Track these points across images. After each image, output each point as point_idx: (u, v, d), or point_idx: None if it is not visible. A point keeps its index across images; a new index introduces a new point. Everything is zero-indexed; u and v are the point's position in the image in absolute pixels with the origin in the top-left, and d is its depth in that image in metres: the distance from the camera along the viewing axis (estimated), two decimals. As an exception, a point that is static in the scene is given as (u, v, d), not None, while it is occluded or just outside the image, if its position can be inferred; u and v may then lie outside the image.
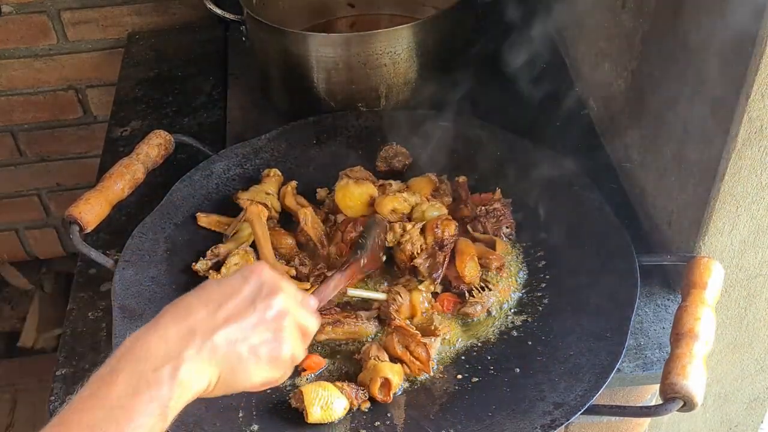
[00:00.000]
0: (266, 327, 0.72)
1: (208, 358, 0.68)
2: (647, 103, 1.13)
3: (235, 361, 0.70)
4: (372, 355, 0.96)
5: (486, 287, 1.04)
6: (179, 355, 0.66)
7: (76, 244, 1.04)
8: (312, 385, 0.93)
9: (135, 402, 0.63)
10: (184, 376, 0.66)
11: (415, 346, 0.97)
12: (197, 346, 0.67)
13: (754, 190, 0.95)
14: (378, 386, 0.93)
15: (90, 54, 1.83)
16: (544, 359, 0.96)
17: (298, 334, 0.77)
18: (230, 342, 0.69)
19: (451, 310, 1.04)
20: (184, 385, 0.66)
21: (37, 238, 2.20)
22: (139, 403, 0.63)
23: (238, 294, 0.73)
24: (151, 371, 0.65)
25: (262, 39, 1.37)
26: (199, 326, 0.69)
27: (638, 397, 1.09)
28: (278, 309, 0.74)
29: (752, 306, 1.11)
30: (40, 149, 1.99)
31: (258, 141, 1.25)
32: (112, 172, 1.11)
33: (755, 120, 0.87)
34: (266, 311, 0.73)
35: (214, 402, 0.93)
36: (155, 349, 0.66)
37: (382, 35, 1.26)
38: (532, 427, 0.86)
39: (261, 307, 0.73)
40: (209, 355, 0.68)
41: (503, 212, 1.11)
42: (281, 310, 0.74)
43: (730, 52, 0.87)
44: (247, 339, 0.71)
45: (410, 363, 0.97)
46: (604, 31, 1.27)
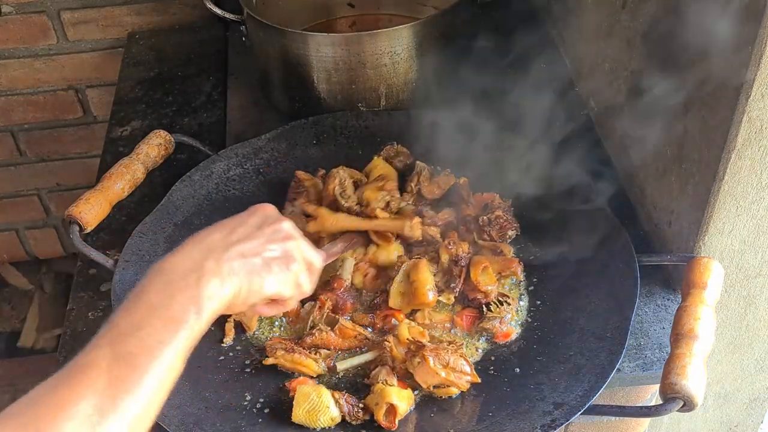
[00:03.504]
0: (275, 245, 0.82)
1: (227, 269, 0.76)
2: (647, 103, 1.13)
3: (250, 271, 0.78)
4: (381, 379, 0.93)
5: (504, 302, 1.03)
6: (201, 267, 0.75)
7: (76, 244, 1.04)
8: (309, 387, 0.92)
9: (172, 302, 0.71)
10: (208, 282, 0.74)
11: (455, 360, 0.92)
12: (216, 259, 0.76)
13: (754, 190, 0.95)
14: (383, 412, 0.90)
15: (90, 54, 1.83)
16: (544, 359, 0.97)
17: (304, 263, 0.85)
18: (243, 255, 0.79)
19: (471, 326, 1.03)
20: (210, 290, 0.74)
21: (37, 238, 2.20)
22: (175, 303, 0.71)
23: (246, 222, 0.83)
24: (179, 280, 0.73)
25: (262, 39, 1.37)
26: (215, 245, 0.78)
27: (638, 397, 1.09)
28: (284, 232, 0.84)
29: (752, 306, 1.11)
30: (40, 149, 1.99)
31: (258, 141, 1.25)
32: (112, 172, 1.11)
33: (755, 120, 0.87)
34: (273, 233, 0.83)
35: (214, 402, 0.93)
36: (180, 265, 0.75)
37: (382, 35, 1.26)
38: (533, 427, 0.86)
39: (268, 230, 0.83)
40: (227, 267, 0.76)
41: (505, 218, 1.12)
42: (287, 233, 0.84)
43: (731, 52, 0.87)
44: (259, 253, 0.80)
45: (457, 381, 0.92)
46: (604, 31, 1.27)
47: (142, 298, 0.72)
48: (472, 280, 1.04)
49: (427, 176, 1.20)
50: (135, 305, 0.71)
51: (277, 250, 0.82)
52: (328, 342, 0.99)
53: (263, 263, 0.80)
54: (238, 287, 0.77)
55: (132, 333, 0.68)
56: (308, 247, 0.87)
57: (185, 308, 0.71)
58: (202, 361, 0.99)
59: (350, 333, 1.00)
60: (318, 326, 1.00)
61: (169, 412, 0.89)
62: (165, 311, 0.71)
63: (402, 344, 0.97)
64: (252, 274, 0.79)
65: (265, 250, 0.81)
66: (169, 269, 0.75)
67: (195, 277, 0.74)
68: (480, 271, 1.04)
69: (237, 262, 0.78)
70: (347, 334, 1.00)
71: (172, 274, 0.74)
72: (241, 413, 0.93)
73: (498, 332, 1.01)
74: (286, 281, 0.83)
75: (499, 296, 1.04)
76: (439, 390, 0.94)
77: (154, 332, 0.69)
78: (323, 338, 0.99)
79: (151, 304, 0.71)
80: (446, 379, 0.92)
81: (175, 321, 0.70)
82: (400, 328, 0.99)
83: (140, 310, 0.71)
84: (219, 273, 0.75)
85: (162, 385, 0.68)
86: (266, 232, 0.83)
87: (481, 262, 1.06)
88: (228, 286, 0.76)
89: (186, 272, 0.74)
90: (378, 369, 0.95)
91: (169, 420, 0.88)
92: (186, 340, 0.71)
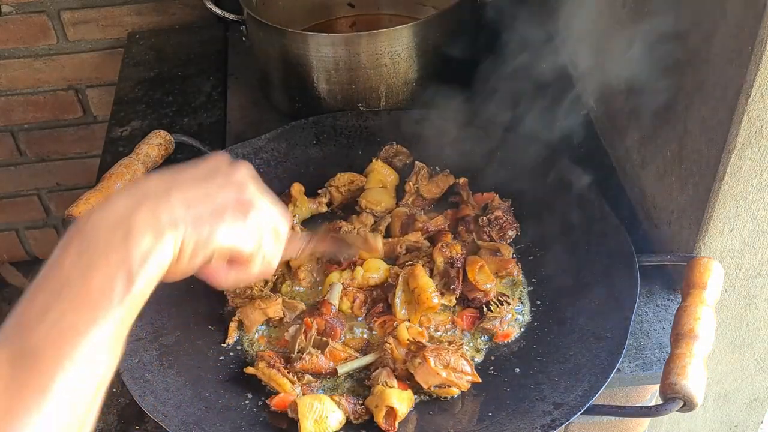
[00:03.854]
0: (227, 192, 0.66)
1: (166, 220, 0.60)
2: (647, 103, 1.13)
3: (195, 218, 0.62)
4: (381, 381, 0.93)
5: (504, 302, 1.03)
6: (130, 219, 0.59)
7: (76, 244, 1.03)
8: (308, 398, 0.91)
9: (90, 273, 0.56)
10: (140, 238, 0.58)
11: (456, 360, 0.92)
12: (150, 209, 0.60)
13: (754, 190, 0.95)
14: (383, 414, 0.90)
15: (90, 54, 1.83)
16: (544, 359, 0.97)
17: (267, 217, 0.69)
18: (189, 202, 0.62)
19: (471, 327, 1.03)
20: (142, 248, 0.58)
21: (37, 238, 2.20)
22: (95, 273, 0.56)
23: (192, 170, 0.67)
24: (101, 241, 0.57)
25: (262, 39, 1.37)
26: (150, 192, 0.62)
27: (638, 397, 1.09)
28: (239, 178, 0.67)
29: (752, 306, 1.11)
30: (40, 149, 1.99)
31: (258, 141, 1.25)
32: (112, 172, 1.11)
33: (755, 120, 0.87)
34: (226, 179, 0.66)
35: (214, 402, 0.93)
36: (104, 221, 0.59)
37: (382, 35, 1.26)
38: (532, 427, 0.86)
39: (220, 177, 0.66)
40: (167, 217, 0.60)
41: (505, 218, 1.12)
42: (242, 180, 0.67)
43: (730, 52, 0.87)
44: (209, 200, 0.64)
45: (458, 381, 0.92)
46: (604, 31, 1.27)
47: (54, 271, 0.57)
48: (470, 280, 1.04)
49: (425, 176, 1.20)
50: (44, 282, 0.56)
51: (230, 197, 0.65)
52: (318, 367, 0.96)
53: (213, 211, 0.64)
54: (180, 239, 0.61)
55: (37, 322, 0.54)
56: (271, 200, 0.70)
57: (109, 279, 0.56)
58: (202, 362, 0.99)
59: (341, 356, 0.98)
60: (308, 350, 0.97)
61: (169, 412, 0.89)
62: (80, 287, 0.55)
63: (402, 345, 0.96)
64: (200, 222, 0.62)
65: (216, 197, 0.64)
66: (89, 228, 0.58)
67: (122, 234, 0.58)
68: (477, 270, 1.04)
69: (179, 210, 0.61)
70: (338, 357, 0.97)
71: (92, 234, 0.58)
72: (241, 413, 0.93)
73: (498, 332, 1.01)
74: (244, 232, 0.66)
75: (499, 296, 1.04)
76: (440, 390, 0.94)
77: (63, 318, 0.54)
78: (313, 363, 0.96)
79: (63, 278, 0.56)
80: (447, 379, 0.92)
81: (94, 299, 0.55)
82: (399, 329, 0.99)
83: (48, 289, 0.56)
84: (155, 225, 0.59)
85: (82, 385, 0.54)
86: (216, 179, 0.66)
87: (476, 262, 1.06)
88: (168, 241, 0.60)
89: (110, 229, 0.58)
90: (378, 370, 0.95)
91: (169, 420, 0.87)
92: (113, 323, 0.56)
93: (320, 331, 1.00)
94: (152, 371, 0.94)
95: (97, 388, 0.55)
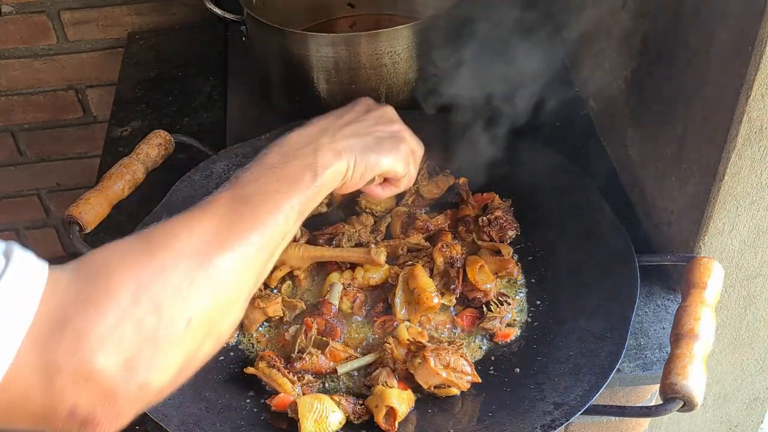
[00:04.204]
0: (383, 126, 0.88)
1: (341, 145, 0.81)
2: (647, 103, 1.13)
3: (363, 148, 0.83)
4: (381, 381, 0.93)
5: (504, 302, 1.03)
6: (317, 141, 0.80)
7: (76, 244, 1.04)
8: (308, 398, 0.91)
9: (288, 165, 0.76)
10: (324, 153, 0.79)
11: (456, 360, 0.92)
12: (330, 136, 0.82)
13: (754, 190, 0.95)
14: (383, 414, 0.90)
15: (90, 54, 1.83)
16: (544, 359, 0.96)
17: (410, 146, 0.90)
18: (356, 134, 0.84)
19: (472, 326, 1.03)
20: (325, 159, 0.78)
21: (37, 238, 2.20)
22: (292, 166, 0.76)
23: (353, 109, 0.90)
24: (296, 150, 0.78)
25: (262, 39, 1.37)
26: (329, 126, 0.84)
27: (638, 397, 1.09)
28: (389, 116, 0.90)
29: (752, 306, 1.11)
30: (40, 149, 1.99)
31: (258, 141, 1.24)
32: (112, 172, 1.11)
33: (755, 120, 0.87)
34: (380, 117, 0.89)
35: (215, 402, 0.93)
36: (297, 140, 0.80)
37: (382, 35, 1.26)
38: (532, 427, 0.86)
39: (375, 114, 0.89)
40: (342, 143, 0.81)
41: (505, 218, 1.11)
42: (391, 117, 0.90)
43: (730, 52, 0.87)
44: (370, 133, 0.86)
45: (458, 381, 0.92)
46: (604, 31, 1.27)
47: (260, 161, 0.76)
48: (470, 280, 1.04)
49: (425, 176, 1.20)
50: (254, 166, 0.75)
51: (385, 131, 0.87)
52: (318, 367, 0.96)
53: (375, 141, 0.85)
54: (353, 162, 0.81)
55: (249, 182, 0.72)
56: (412, 134, 0.92)
57: (301, 171, 0.76)
58: (202, 361, 0.99)
59: (341, 356, 0.98)
60: (308, 350, 0.97)
61: (169, 412, 0.89)
62: (281, 170, 0.75)
63: (402, 345, 0.96)
64: (366, 150, 0.83)
65: (376, 131, 0.86)
66: (286, 143, 0.80)
67: (311, 148, 0.79)
68: (477, 270, 1.04)
69: (352, 140, 0.83)
70: (338, 357, 0.97)
71: (288, 146, 0.79)
72: (241, 413, 0.93)
73: (498, 332, 1.01)
74: (398, 158, 0.87)
75: (499, 296, 1.04)
76: (440, 390, 0.94)
77: (270, 183, 0.73)
78: (313, 362, 0.96)
79: (269, 164, 0.76)
80: (447, 380, 0.92)
81: (291, 178, 0.75)
82: (399, 329, 0.99)
83: (258, 169, 0.75)
84: (334, 147, 0.80)
85: (276, 230, 0.70)
86: (374, 116, 0.88)
87: (476, 262, 1.06)
88: (344, 159, 0.80)
89: (302, 144, 0.79)
90: (378, 370, 0.95)
91: (169, 420, 0.87)
92: (301, 198, 0.74)
93: (320, 331, 1.00)
94: (152, 371, 0.94)
95: (282, 237, 0.72)
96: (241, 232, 0.67)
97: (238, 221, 0.68)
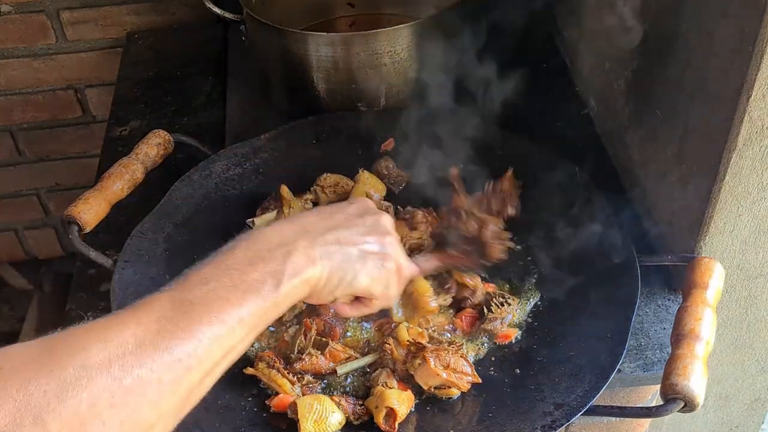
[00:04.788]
0: (373, 238, 0.78)
1: (319, 252, 0.72)
2: (647, 103, 1.13)
3: (344, 261, 0.74)
4: (381, 381, 0.93)
5: (505, 302, 1.02)
6: (293, 243, 0.71)
7: (75, 244, 1.04)
8: (307, 398, 0.90)
9: (250, 268, 0.67)
10: (296, 259, 0.70)
11: (456, 361, 0.92)
12: (310, 240, 0.72)
13: (756, 190, 0.95)
14: (383, 415, 0.89)
15: (89, 53, 1.83)
16: (544, 360, 0.96)
17: (396, 266, 0.81)
18: (340, 241, 0.75)
19: (471, 327, 1.02)
20: (296, 266, 0.69)
21: (36, 238, 2.20)
22: (254, 270, 0.67)
23: (346, 210, 0.80)
24: (265, 250, 0.69)
25: (261, 39, 1.37)
26: (312, 226, 0.75)
27: (639, 398, 1.09)
28: (384, 227, 0.80)
29: (753, 306, 1.11)
30: (39, 149, 1.99)
31: (257, 141, 1.24)
32: (111, 171, 1.11)
33: (756, 120, 0.87)
34: (374, 226, 0.79)
35: (214, 402, 0.93)
36: (270, 237, 0.71)
37: (382, 35, 1.26)
38: (533, 427, 0.86)
39: (369, 221, 0.79)
40: (321, 250, 0.73)
41: (511, 192, 1.09)
42: (386, 228, 0.81)
43: (731, 52, 0.87)
44: (357, 244, 0.76)
45: (458, 381, 0.92)
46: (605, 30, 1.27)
47: (219, 258, 0.68)
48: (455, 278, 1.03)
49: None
50: (210, 263, 0.67)
51: (374, 243, 0.78)
52: (318, 368, 0.96)
53: (359, 255, 0.76)
54: (328, 273, 0.72)
55: (197, 285, 0.64)
56: (402, 250, 0.83)
57: (262, 277, 0.66)
58: (201, 362, 0.99)
59: (341, 357, 0.97)
60: (308, 350, 0.96)
61: (168, 413, 0.88)
62: (240, 274, 0.66)
63: (402, 346, 0.96)
64: (346, 263, 0.74)
65: (363, 242, 0.77)
66: (258, 238, 0.71)
67: (285, 251, 0.70)
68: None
69: (333, 247, 0.74)
70: (338, 358, 0.97)
71: (259, 244, 0.70)
72: (240, 413, 0.93)
73: (499, 333, 1.00)
74: (379, 279, 0.78)
75: (500, 297, 1.04)
76: (440, 391, 0.93)
77: (220, 288, 0.64)
78: (313, 363, 0.96)
79: (227, 265, 0.66)
80: (447, 380, 0.91)
81: (249, 286, 0.65)
82: (399, 329, 0.98)
83: (215, 269, 0.66)
84: (310, 254, 0.71)
85: (215, 348, 0.61)
86: (367, 223, 0.79)
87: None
88: (317, 267, 0.71)
89: (275, 246, 0.70)
90: (378, 371, 0.95)
91: (168, 421, 0.87)
92: (255, 311, 0.64)
93: (320, 332, 1.00)
94: (151, 372, 0.94)
95: (224, 355, 0.63)
96: (168, 347, 0.58)
97: (168, 334, 0.58)
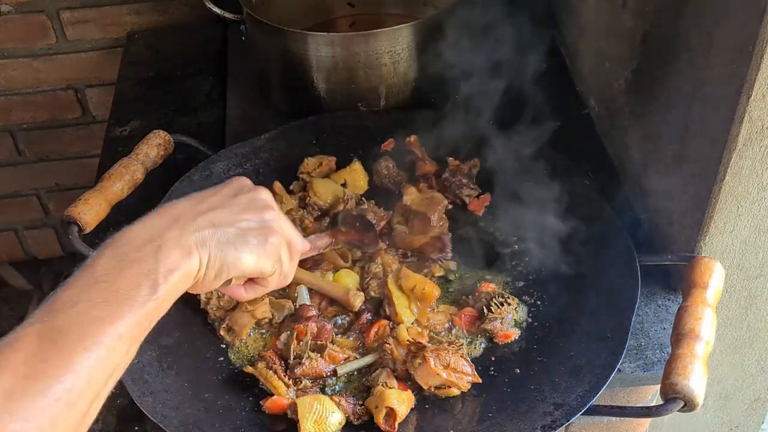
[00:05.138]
0: (251, 215, 0.73)
1: (194, 240, 0.67)
2: (647, 103, 1.13)
3: (222, 241, 0.69)
4: (381, 381, 0.93)
5: (505, 302, 1.02)
6: (162, 236, 0.65)
7: (75, 244, 1.03)
8: (307, 398, 0.90)
9: (119, 276, 0.61)
10: (168, 253, 0.64)
11: (456, 361, 0.92)
12: (181, 228, 0.67)
13: (756, 190, 0.95)
14: (383, 415, 0.89)
15: (89, 53, 1.83)
16: (544, 360, 0.96)
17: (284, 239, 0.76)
18: (215, 224, 0.69)
19: (470, 326, 1.02)
20: (170, 261, 0.64)
21: (36, 238, 2.20)
22: (124, 277, 0.62)
23: (219, 191, 0.74)
24: (134, 251, 0.64)
25: (261, 39, 1.37)
26: (182, 213, 0.69)
27: (639, 398, 1.09)
28: (262, 201, 0.75)
29: (753, 306, 1.11)
30: (39, 149, 1.99)
31: (257, 141, 1.24)
32: (111, 172, 1.11)
33: (756, 120, 0.87)
34: (250, 202, 0.74)
35: (214, 403, 0.93)
36: (137, 234, 0.65)
37: (382, 35, 1.26)
38: (533, 427, 0.86)
39: (244, 199, 0.74)
40: (195, 237, 0.67)
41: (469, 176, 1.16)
42: (265, 203, 0.75)
43: (731, 52, 0.87)
44: (234, 223, 0.71)
45: (458, 381, 0.92)
46: (605, 30, 1.27)
47: (87, 270, 0.62)
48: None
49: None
50: (79, 276, 0.61)
51: (253, 220, 0.72)
52: (319, 371, 0.95)
53: (238, 233, 0.70)
54: (206, 260, 0.67)
55: (65, 308, 0.58)
56: (289, 223, 0.78)
57: (135, 283, 0.61)
58: (201, 362, 0.99)
59: (339, 357, 0.97)
60: (306, 354, 0.95)
61: (168, 413, 0.88)
62: (109, 285, 0.60)
63: (402, 345, 0.96)
64: (225, 245, 0.69)
65: (241, 220, 0.71)
66: (123, 240, 0.65)
67: (153, 247, 0.64)
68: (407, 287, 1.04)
69: (207, 231, 0.68)
70: (337, 359, 0.97)
71: (126, 246, 0.64)
72: (240, 414, 0.93)
73: (499, 333, 1.00)
74: (265, 254, 0.72)
75: (500, 297, 1.04)
76: (440, 390, 0.93)
77: (91, 307, 0.58)
78: (313, 367, 0.95)
79: (95, 277, 0.61)
80: (447, 380, 0.91)
81: (121, 296, 0.60)
82: (399, 329, 0.98)
83: (81, 285, 0.60)
84: (184, 243, 0.66)
85: (97, 372, 0.57)
86: (242, 201, 0.73)
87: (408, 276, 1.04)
88: (195, 257, 0.66)
89: (143, 243, 0.64)
90: (378, 371, 0.95)
91: (168, 421, 0.87)
92: (135, 321, 0.60)
93: (313, 335, 1.00)
94: (151, 372, 0.94)
95: (108, 376, 0.59)
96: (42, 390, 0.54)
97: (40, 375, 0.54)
